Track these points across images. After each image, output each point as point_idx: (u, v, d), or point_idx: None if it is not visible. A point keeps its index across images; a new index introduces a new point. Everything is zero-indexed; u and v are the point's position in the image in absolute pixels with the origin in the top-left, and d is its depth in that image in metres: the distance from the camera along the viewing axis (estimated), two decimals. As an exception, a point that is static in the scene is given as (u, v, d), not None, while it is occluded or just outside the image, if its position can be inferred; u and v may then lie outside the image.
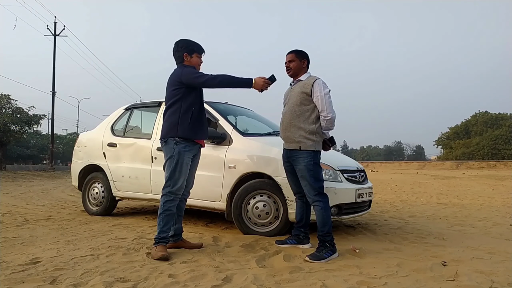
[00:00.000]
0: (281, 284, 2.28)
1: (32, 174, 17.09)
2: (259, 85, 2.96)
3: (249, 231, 3.61)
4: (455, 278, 2.40)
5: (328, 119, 2.98)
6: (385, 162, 41.23)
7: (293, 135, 3.04)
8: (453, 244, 3.50)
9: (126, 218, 4.75)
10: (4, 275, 2.30)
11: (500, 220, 5.11)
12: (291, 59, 3.13)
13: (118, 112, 5.09)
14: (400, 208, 6.39)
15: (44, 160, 50.59)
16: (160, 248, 2.82)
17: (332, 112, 2.99)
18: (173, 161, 2.93)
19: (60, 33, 23.36)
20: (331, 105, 3.00)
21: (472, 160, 35.20)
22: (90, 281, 2.23)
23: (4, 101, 20.31)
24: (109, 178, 4.77)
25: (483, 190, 10.62)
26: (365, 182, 3.95)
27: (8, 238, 3.45)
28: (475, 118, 54.32)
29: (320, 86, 2.99)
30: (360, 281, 2.31)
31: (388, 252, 3.10)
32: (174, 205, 2.97)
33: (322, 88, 2.99)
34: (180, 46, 3.07)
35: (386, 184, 13.33)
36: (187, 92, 2.98)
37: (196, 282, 2.26)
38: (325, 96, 2.98)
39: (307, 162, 2.97)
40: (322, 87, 2.99)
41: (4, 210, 5.33)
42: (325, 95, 2.98)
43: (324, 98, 2.97)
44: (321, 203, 2.93)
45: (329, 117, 2.97)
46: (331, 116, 2.98)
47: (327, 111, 2.97)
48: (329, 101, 2.99)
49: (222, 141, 3.85)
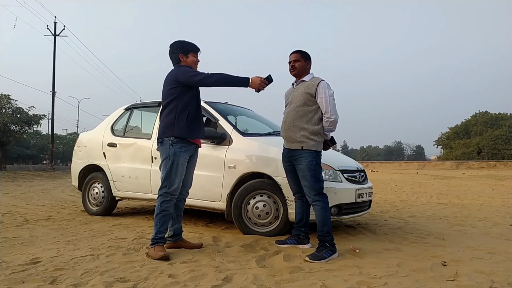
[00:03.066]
0: (281, 284, 2.28)
1: (32, 174, 17.09)
2: (256, 84, 2.95)
3: (249, 231, 3.62)
4: (455, 278, 2.40)
5: (331, 120, 3.00)
6: (385, 162, 41.21)
7: (295, 135, 3.04)
8: (453, 244, 3.50)
9: (126, 218, 4.76)
10: (4, 275, 2.30)
11: (500, 220, 5.11)
12: (296, 58, 3.14)
13: (118, 112, 5.09)
14: (400, 208, 6.39)
15: (44, 160, 50.62)
16: (159, 248, 2.82)
17: (336, 114, 3.01)
18: (169, 162, 2.92)
19: (60, 33, 23.37)
20: (335, 107, 3.03)
21: (472, 160, 35.19)
22: (90, 281, 2.23)
23: (4, 101, 20.32)
24: (109, 178, 4.77)
25: (483, 190, 10.62)
26: (365, 182, 3.95)
27: (8, 238, 3.45)
28: (475, 118, 54.32)
29: (325, 88, 3.02)
30: (360, 281, 2.31)
31: (388, 252, 3.10)
32: (170, 205, 2.96)
33: (327, 89, 3.02)
34: (175, 48, 3.07)
35: (386, 184, 13.33)
36: (183, 91, 2.98)
37: (196, 282, 2.26)
38: (330, 98, 3.00)
39: (309, 161, 2.98)
40: (327, 89, 3.02)
41: (4, 210, 5.33)
42: (329, 97, 3.00)
43: (329, 100, 3.00)
44: (320, 203, 2.94)
45: (332, 118, 2.99)
46: (334, 118, 3.00)
47: (331, 112, 2.99)
48: (333, 103, 3.02)
49: (222, 141, 3.85)
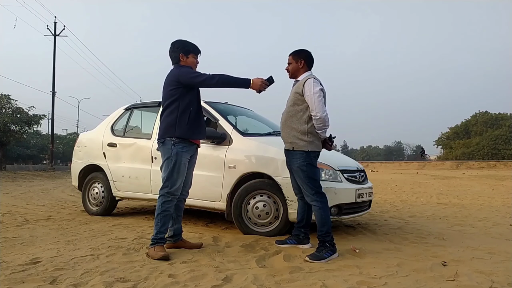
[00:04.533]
0: (281, 284, 2.28)
1: (32, 174, 17.08)
2: (257, 85, 2.95)
3: (249, 231, 3.62)
4: (455, 278, 2.40)
5: (317, 118, 2.90)
6: (385, 162, 41.12)
7: (287, 136, 3.04)
8: (453, 244, 3.50)
9: (126, 218, 4.75)
10: (4, 275, 2.30)
11: (500, 220, 5.11)
12: (289, 61, 3.14)
13: (118, 112, 5.09)
14: (400, 208, 6.39)
15: (44, 160, 50.57)
16: (159, 248, 2.83)
17: (321, 112, 2.89)
18: (171, 162, 2.92)
19: (60, 33, 23.37)
20: (321, 104, 2.91)
21: (472, 160, 35.16)
22: (90, 281, 2.23)
23: (4, 101, 20.31)
24: (109, 178, 4.77)
25: (483, 190, 10.61)
26: (365, 182, 3.95)
27: (8, 238, 3.45)
28: (475, 118, 54.23)
29: (310, 85, 2.93)
30: (360, 281, 2.31)
31: (388, 252, 3.10)
32: (171, 205, 2.97)
33: (312, 87, 2.92)
34: (177, 47, 3.08)
35: (386, 184, 13.32)
36: (184, 92, 2.98)
37: (196, 282, 2.26)
38: (315, 95, 2.90)
39: (299, 163, 2.96)
40: (312, 86, 2.92)
41: (4, 210, 5.33)
42: (314, 94, 2.90)
43: (314, 97, 2.90)
44: (318, 203, 2.93)
45: (318, 116, 2.89)
46: (320, 116, 2.89)
47: (316, 110, 2.89)
48: (318, 100, 2.90)
49: (222, 141, 3.85)
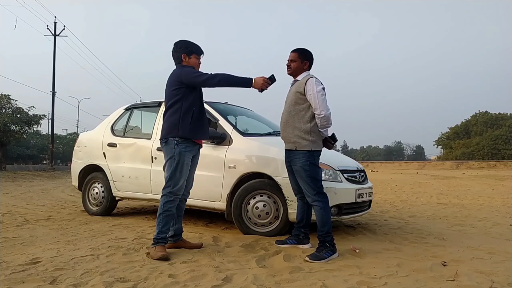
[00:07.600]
0: (281, 284, 2.28)
1: (32, 174, 17.08)
2: (259, 84, 2.96)
3: (249, 231, 3.62)
4: (455, 278, 2.40)
5: (321, 116, 2.93)
6: (385, 162, 41.20)
7: (289, 135, 3.04)
8: (453, 244, 3.50)
9: (126, 218, 4.75)
10: (4, 275, 2.30)
11: (500, 220, 5.11)
12: (293, 58, 3.11)
13: (118, 112, 5.09)
14: (400, 208, 6.39)
15: (44, 160, 50.60)
16: (159, 248, 2.82)
17: (326, 110, 2.93)
18: (174, 162, 2.93)
19: (60, 33, 23.36)
20: (324, 103, 2.94)
21: (472, 160, 35.16)
22: (90, 281, 2.23)
23: (4, 101, 20.33)
24: (109, 178, 4.77)
25: (483, 190, 10.61)
26: (365, 182, 3.95)
27: (8, 238, 3.45)
28: (475, 118, 54.27)
29: (313, 84, 2.95)
30: (360, 281, 2.31)
31: (388, 252, 3.10)
32: (174, 205, 2.97)
33: (315, 86, 2.95)
34: (179, 47, 3.08)
35: (386, 184, 13.32)
36: (187, 92, 2.98)
37: (196, 282, 2.26)
38: (318, 94, 2.93)
39: (302, 162, 2.96)
40: (315, 85, 2.95)
41: (4, 210, 5.33)
42: (317, 93, 2.93)
43: (317, 96, 2.92)
44: (320, 203, 2.93)
45: (322, 114, 2.92)
46: (324, 114, 2.92)
47: (320, 108, 2.92)
48: (322, 99, 2.93)
49: (222, 141, 3.85)
